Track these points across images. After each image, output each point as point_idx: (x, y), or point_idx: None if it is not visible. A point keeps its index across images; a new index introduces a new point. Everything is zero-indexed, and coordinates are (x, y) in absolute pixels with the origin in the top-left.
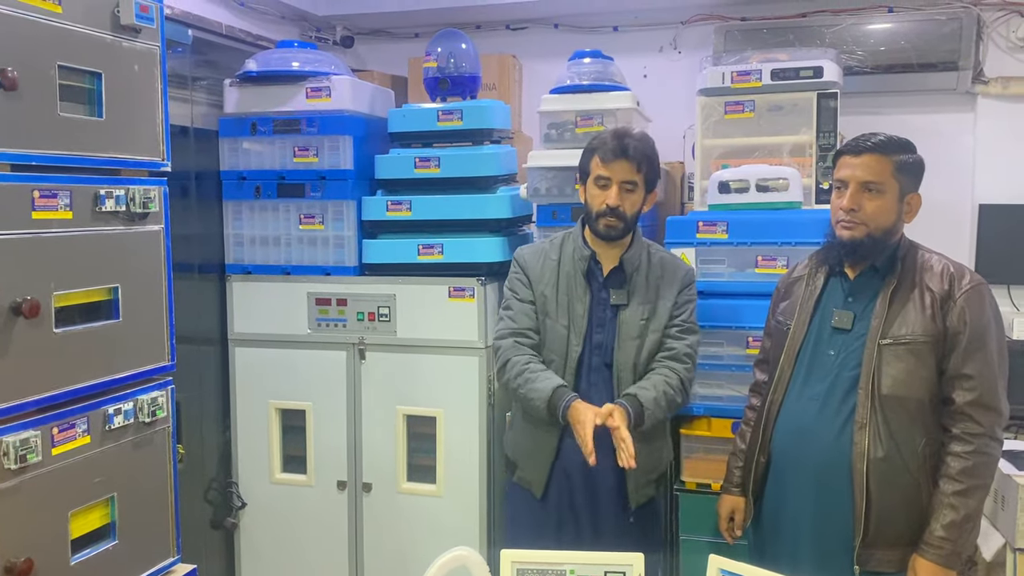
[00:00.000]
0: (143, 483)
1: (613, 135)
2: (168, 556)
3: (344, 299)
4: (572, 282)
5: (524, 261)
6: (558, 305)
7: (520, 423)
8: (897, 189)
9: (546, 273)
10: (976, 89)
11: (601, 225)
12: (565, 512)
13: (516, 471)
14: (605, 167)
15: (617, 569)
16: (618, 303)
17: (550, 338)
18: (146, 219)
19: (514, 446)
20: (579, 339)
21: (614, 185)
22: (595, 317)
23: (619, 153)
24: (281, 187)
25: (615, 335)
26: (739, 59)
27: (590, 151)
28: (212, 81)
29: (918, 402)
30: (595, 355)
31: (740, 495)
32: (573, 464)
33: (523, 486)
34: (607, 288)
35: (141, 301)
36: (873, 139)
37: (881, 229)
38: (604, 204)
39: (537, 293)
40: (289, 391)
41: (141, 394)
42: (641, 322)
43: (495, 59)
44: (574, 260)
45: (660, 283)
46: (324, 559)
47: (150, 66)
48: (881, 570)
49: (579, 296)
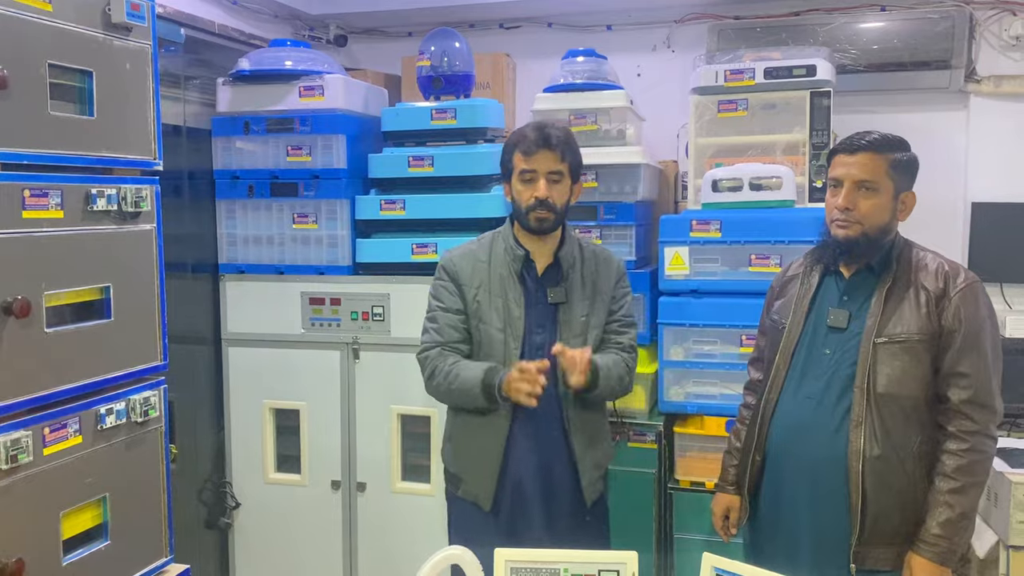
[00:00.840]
0: (136, 483)
1: (533, 128)
2: (161, 556)
3: (338, 298)
4: (506, 283)
5: (453, 266)
6: (492, 309)
7: (460, 433)
8: (892, 187)
9: (477, 276)
10: (969, 88)
11: (532, 219)
12: (518, 521)
13: (460, 485)
14: (528, 160)
15: (611, 568)
16: (556, 301)
17: (486, 343)
18: (138, 218)
19: (455, 459)
20: (517, 342)
21: (540, 177)
22: (533, 318)
23: (541, 144)
24: (274, 186)
25: (556, 335)
26: (732, 58)
27: (510, 147)
28: (205, 80)
29: (913, 400)
30: (536, 357)
31: (735, 493)
32: (524, 468)
33: (468, 500)
34: (543, 287)
35: (133, 301)
36: (868, 137)
37: (876, 228)
38: (532, 197)
39: (469, 298)
40: (283, 391)
41: (133, 394)
42: (582, 319)
43: (489, 58)
44: (506, 260)
45: (596, 277)
46: (318, 559)
47: (142, 65)
48: (877, 568)
49: (514, 298)
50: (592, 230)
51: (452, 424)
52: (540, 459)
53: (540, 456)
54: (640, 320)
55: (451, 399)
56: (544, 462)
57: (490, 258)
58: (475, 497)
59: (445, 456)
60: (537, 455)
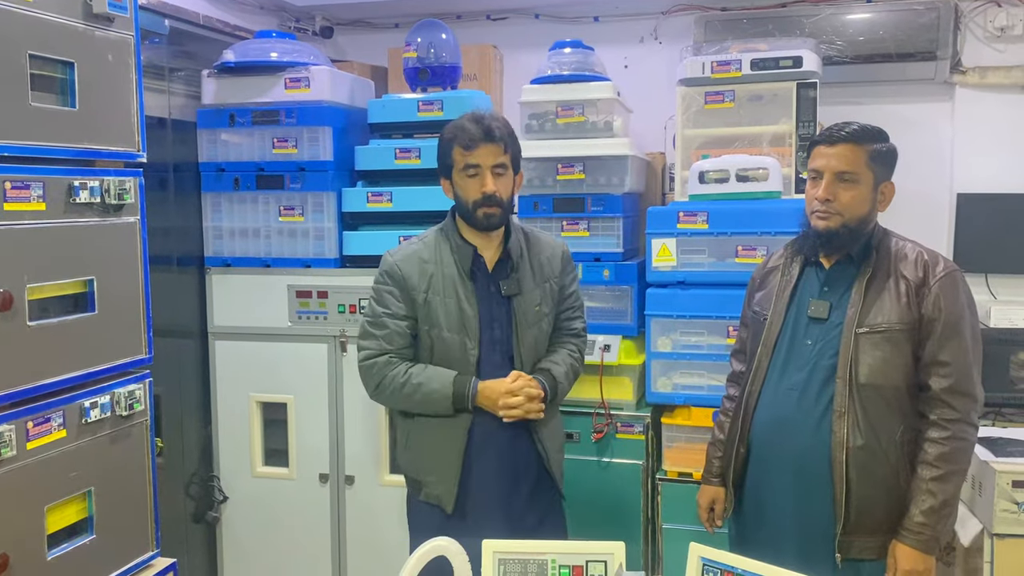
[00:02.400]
0: (121, 477)
1: (471, 120)
2: (147, 550)
3: (325, 291)
4: (456, 283)
5: (398, 271)
6: (443, 311)
7: (417, 437)
8: (871, 178)
9: (424, 279)
10: (954, 79)
11: (480, 215)
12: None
13: (422, 489)
14: (470, 155)
15: (598, 558)
16: (511, 294)
17: (440, 347)
18: (121, 211)
19: (414, 464)
20: (474, 342)
21: (485, 171)
22: (487, 314)
23: (483, 137)
24: (260, 179)
25: (511, 327)
26: (719, 49)
27: (448, 142)
28: (190, 72)
29: (895, 389)
30: (495, 353)
31: (720, 485)
32: (486, 465)
33: (431, 503)
34: (495, 282)
35: (117, 293)
36: (847, 128)
37: (856, 219)
38: (480, 192)
39: (418, 303)
40: (270, 384)
41: (118, 387)
42: (536, 308)
43: (476, 49)
44: (454, 259)
45: (544, 265)
46: (307, 552)
47: (124, 56)
48: (862, 557)
49: (466, 296)
50: (579, 221)
51: (406, 429)
52: (501, 453)
53: (501, 450)
54: (627, 312)
55: (407, 406)
56: (506, 455)
57: (436, 258)
58: (437, 499)
59: (403, 462)
60: (497, 449)
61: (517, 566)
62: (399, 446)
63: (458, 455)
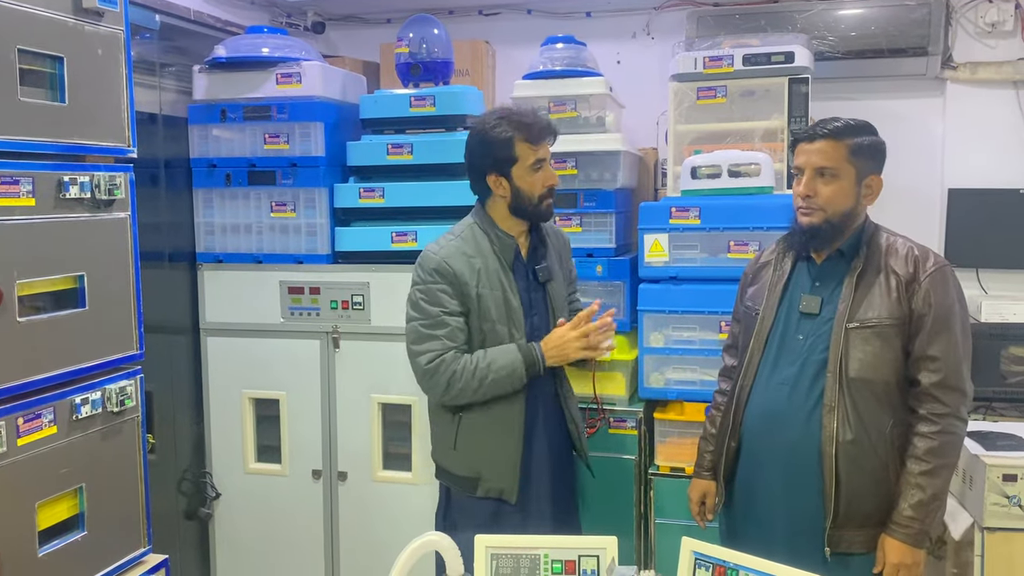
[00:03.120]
0: (112, 473)
1: (526, 116)
2: (139, 546)
3: (317, 287)
4: (500, 276)
5: (449, 268)
6: (495, 305)
7: (469, 436)
8: (853, 173)
9: (473, 274)
10: (945, 75)
11: (545, 207)
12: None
13: (480, 485)
14: (540, 149)
15: (591, 552)
16: (547, 279)
17: (492, 340)
18: (112, 206)
19: (470, 461)
20: (520, 332)
21: (548, 164)
22: (527, 303)
23: (548, 132)
24: (252, 174)
25: (548, 313)
26: (711, 45)
27: (507, 139)
28: (181, 67)
29: (885, 384)
30: (535, 339)
31: (711, 479)
32: (539, 451)
33: (492, 497)
34: (532, 270)
35: (108, 289)
36: (828, 125)
37: (839, 214)
38: (546, 186)
39: (472, 298)
40: (262, 380)
41: (109, 383)
42: (564, 292)
43: (468, 45)
44: (496, 253)
45: (560, 251)
46: (300, 548)
47: (114, 50)
48: (851, 551)
49: (511, 288)
50: (572, 217)
51: (454, 430)
52: (548, 438)
53: (548, 434)
54: (620, 307)
55: (478, 393)
56: (551, 440)
57: (478, 252)
58: (499, 493)
59: (452, 463)
60: (547, 435)
61: (510, 561)
62: (441, 447)
63: (517, 444)
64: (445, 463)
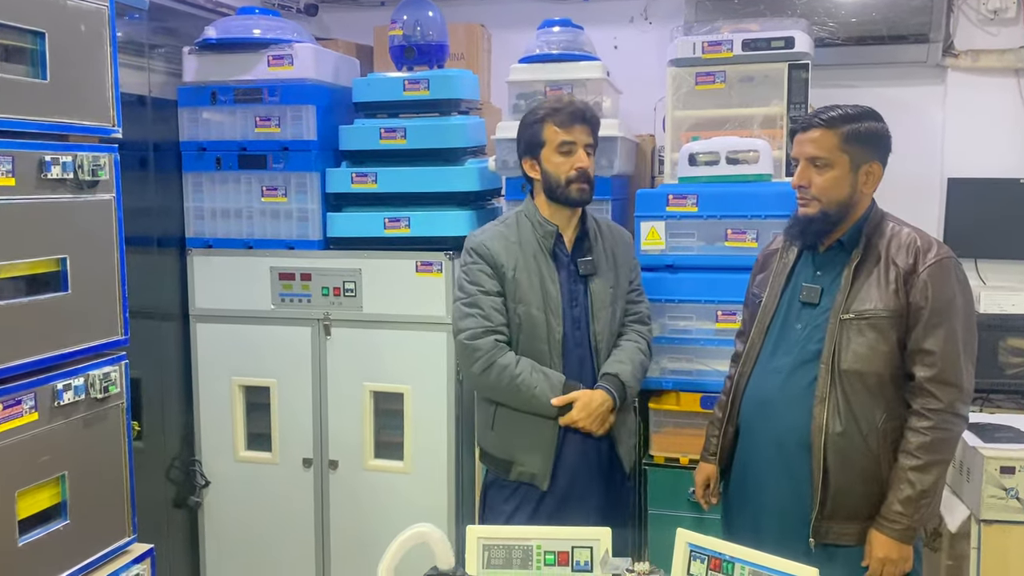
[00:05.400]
0: (96, 461)
1: (561, 101)
2: (123, 536)
3: (308, 274)
4: (539, 262)
5: (487, 249)
6: (530, 288)
7: (507, 420)
8: (847, 161)
9: (512, 257)
10: (946, 62)
11: (574, 191)
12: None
13: (513, 468)
14: (567, 132)
15: (584, 544)
16: (588, 273)
17: (529, 325)
18: (96, 187)
19: (505, 444)
20: (559, 321)
21: (579, 148)
22: (567, 292)
23: (578, 117)
24: (242, 158)
25: (588, 307)
26: (710, 29)
27: (537, 120)
28: (170, 49)
29: (878, 377)
30: (576, 331)
31: (715, 463)
32: (573, 444)
33: (524, 482)
34: (575, 261)
35: (92, 273)
36: (822, 115)
37: (834, 203)
38: (574, 168)
39: (507, 280)
40: (253, 368)
41: (92, 369)
42: (610, 289)
43: (463, 28)
44: (537, 238)
45: (615, 249)
46: (290, 537)
47: (98, 27)
48: (839, 543)
49: (550, 275)
50: None
51: (490, 410)
52: (585, 434)
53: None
54: None
55: (507, 400)
56: (589, 437)
57: (519, 238)
58: (531, 478)
59: (489, 444)
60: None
61: (502, 552)
62: (481, 428)
63: (553, 431)
64: (484, 444)
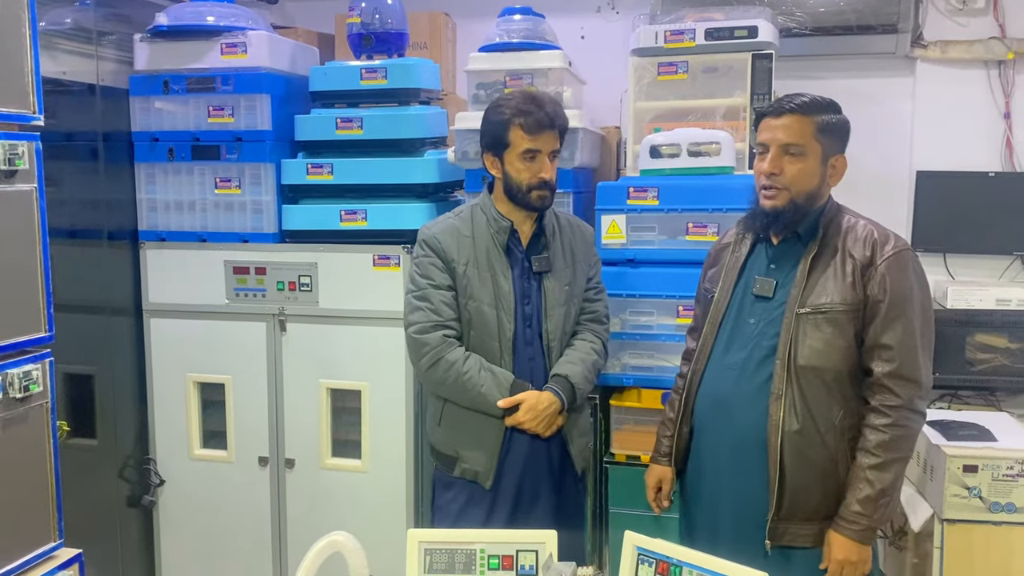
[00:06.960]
0: (16, 463)
1: (530, 103)
2: (48, 541)
3: (263, 267)
4: (492, 257)
5: (438, 243)
6: (481, 284)
7: (454, 415)
8: (819, 151)
9: (464, 251)
10: (915, 53)
11: (535, 197)
12: (518, 495)
13: (457, 465)
14: (533, 139)
15: (529, 547)
16: (541, 270)
17: (479, 322)
18: (14, 177)
19: (451, 439)
20: (510, 317)
21: (544, 156)
22: (520, 290)
23: (546, 124)
24: (195, 149)
25: (541, 305)
26: (674, 18)
27: (505, 121)
28: (121, 36)
29: (835, 373)
30: (526, 328)
31: (668, 465)
32: (520, 443)
33: (467, 479)
34: (529, 258)
35: (9, 267)
36: (795, 100)
37: (804, 194)
38: (537, 178)
39: (458, 275)
40: (207, 364)
41: (12, 367)
42: (565, 287)
43: (426, 16)
44: (491, 233)
45: (573, 245)
46: (246, 536)
47: (13, 7)
48: (796, 544)
49: (502, 271)
50: None
51: (439, 406)
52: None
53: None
54: None
55: (454, 397)
56: (537, 437)
57: (473, 232)
58: (474, 475)
59: (436, 439)
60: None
61: (444, 556)
62: (430, 422)
63: (498, 430)
64: (431, 438)
